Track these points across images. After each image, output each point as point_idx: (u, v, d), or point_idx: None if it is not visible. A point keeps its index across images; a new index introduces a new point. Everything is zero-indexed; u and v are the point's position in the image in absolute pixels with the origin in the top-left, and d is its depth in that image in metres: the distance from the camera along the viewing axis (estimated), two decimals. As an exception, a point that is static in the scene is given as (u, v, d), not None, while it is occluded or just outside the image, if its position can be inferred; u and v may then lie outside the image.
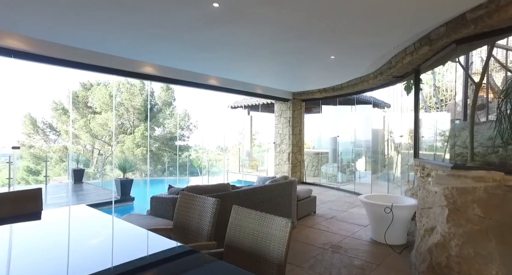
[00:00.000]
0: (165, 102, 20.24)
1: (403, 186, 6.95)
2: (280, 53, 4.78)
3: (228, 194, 3.82)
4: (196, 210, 2.63)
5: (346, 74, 6.47)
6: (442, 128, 6.21)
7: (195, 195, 2.72)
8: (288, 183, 4.75)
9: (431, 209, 3.51)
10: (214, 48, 4.52)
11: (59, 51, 4.22)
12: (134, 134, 17.82)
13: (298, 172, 9.06)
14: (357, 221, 5.28)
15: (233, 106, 11.75)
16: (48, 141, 18.91)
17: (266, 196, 4.34)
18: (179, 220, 2.72)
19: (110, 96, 17.88)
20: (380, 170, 9.93)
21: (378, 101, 9.78)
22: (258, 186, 4.33)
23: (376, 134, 9.74)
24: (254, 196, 4.16)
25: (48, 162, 18.14)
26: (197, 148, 25.50)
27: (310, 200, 5.63)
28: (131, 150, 17.71)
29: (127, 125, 18.90)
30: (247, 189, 4.10)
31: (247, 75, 6.42)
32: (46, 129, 18.52)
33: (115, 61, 4.86)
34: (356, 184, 8.49)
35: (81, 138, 17.93)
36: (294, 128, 8.85)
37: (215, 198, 2.56)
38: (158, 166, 20.07)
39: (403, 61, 4.76)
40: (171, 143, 20.65)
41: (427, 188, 3.71)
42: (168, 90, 20.07)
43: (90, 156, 18.88)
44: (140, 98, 18.78)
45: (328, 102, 9.09)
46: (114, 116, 17.76)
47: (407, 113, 7.34)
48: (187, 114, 20.94)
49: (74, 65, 4.42)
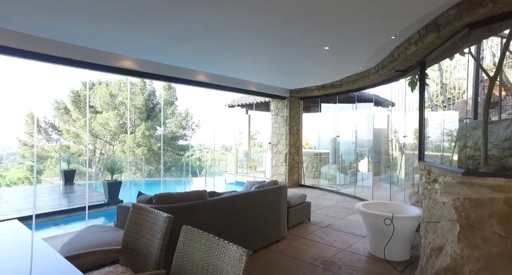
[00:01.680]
0: (167, 101, 19.82)
1: (407, 190, 6.34)
2: (266, 45, 4.23)
3: (203, 204, 3.29)
4: (147, 228, 2.11)
5: (344, 69, 5.88)
6: (449, 128, 5.61)
7: (146, 208, 2.20)
8: (276, 188, 4.20)
9: (438, 223, 2.92)
10: (193, 39, 3.98)
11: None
12: (135, 134, 17.44)
13: (296, 174, 8.49)
14: (355, 230, 4.71)
15: (231, 105, 11.23)
16: (50, 140, 18.66)
17: (249, 204, 3.79)
18: (128, 239, 2.20)
19: (111, 95, 17.55)
20: (384, 171, 9.30)
21: (381, 99, 9.13)
22: (240, 193, 3.79)
23: (379, 134, 9.11)
24: (235, 205, 3.62)
25: (48, 162, 17.84)
26: (202, 147, 25.10)
27: (303, 207, 5.07)
28: (132, 150, 17.34)
29: (128, 125, 18.54)
30: (227, 197, 3.57)
31: (236, 71, 5.88)
32: (48, 128, 18.28)
33: (89, 54, 4.36)
34: (357, 187, 7.89)
35: (82, 137, 17.61)
36: (292, 128, 8.28)
37: (168, 214, 2.03)
38: (160, 166, 19.66)
39: (406, 53, 4.16)
40: (173, 143, 20.24)
41: (433, 197, 3.12)
42: (170, 90, 19.66)
43: (92, 155, 18.58)
44: (141, 97, 18.40)
45: (328, 101, 8.49)
46: (115, 116, 17.39)
47: (413, 112, 6.73)
48: (188, 114, 20.51)
49: (39, 57, 3.94)
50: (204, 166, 20.09)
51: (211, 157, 24.10)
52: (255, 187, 4.15)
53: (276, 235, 4.18)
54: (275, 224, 4.17)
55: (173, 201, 3.19)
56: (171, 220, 2.00)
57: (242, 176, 10.56)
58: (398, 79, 5.71)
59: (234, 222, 3.59)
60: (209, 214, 3.35)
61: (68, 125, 17.87)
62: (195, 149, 23.28)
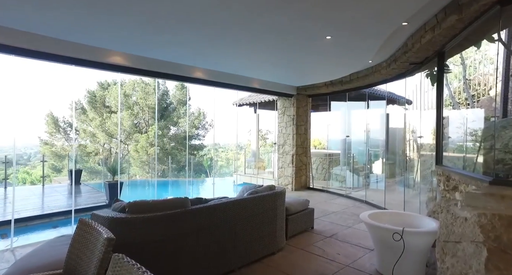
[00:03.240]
0: (180, 101, 19.71)
1: (424, 194, 5.67)
2: (257, 34, 3.74)
3: (182, 213, 2.86)
4: (88, 250, 1.70)
5: (351, 63, 5.28)
6: (473, 128, 4.91)
7: (91, 224, 1.79)
8: (271, 195, 3.72)
9: (459, 244, 2.35)
10: (173, 28, 3.53)
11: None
12: (148, 133, 17.40)
13: (304, 176, 7.95)
14: (362, 241, 4.14)
15: (239, 104, 10.80)
16: (68, 140, 18.97)
17: (239, 213, 3.34)
18: (70, 262, 1.80)
19: (125, 95, 17.60)
20: (399, 173, 8.57)
21: (396, 96, 8.41)
22: (228, 200, 3.34)
23: (394, 134, 8.39)
24: (222, 214, 3.18)
25: (66, 161, 18.09)
26: (217, 147, 24.86)
27: (305, 214, 4.55)
28: (145, 149, 17.31)
29: (142, 124, 18.56)
30: (211, 205, 3.13)
31: (231, 66, 5.39)
32: (66, 128, 18.58)
33: (70, 48, 4.04)
34: (369, 190, 7.26)
35: (98, 137, 17.77)
36: (299, 127, 7.73)
37: (109, 235, 1.60)
38: (173, 165, 19.58)
39: (421, 41, 3.57)
40: (185, 142, 20.12)
41: (453, 210, 2.54)
42: (183, 89, 19.56)
43: (108, 154, 18.74)
44: (154, 97, 18.34)
45: (337, 98, 7.89)
46: (129, 115, 17.42)
47: (431, 110, 6.05)
48: (201, 113, 20.33)
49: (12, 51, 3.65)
50: (215, 166, 19.83)
51: (225, 156, 23.84)
52: (247, 193, 3.69)
53: (271, 246, 3.70)
54: (270, 234, 3.70)
55: (149, 210, 2.78)
56: (111, 242, 1.58)
57: (250, 177, 10.12)
58: (413, 73, 5.07)
59: (221, 233, 3.15)
60: (190, 224, 2.92)
61: (86, 125, 18.09)
62: (210, 148, 23.07)
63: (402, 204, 5.64)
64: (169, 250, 2.75)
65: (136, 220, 2.62)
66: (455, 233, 2.37)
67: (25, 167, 22.55)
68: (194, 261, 2.91)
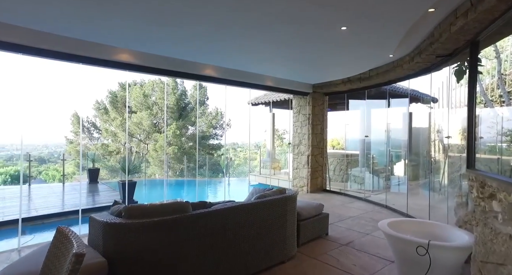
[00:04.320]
0: (198, 101, 19.73)
1: (451, 199, 5.15)
2: (266, 26, 3.43)
3: (182, 219, 2.61)
4: (59, 263, 1.48)
5: (370, 57, 4.85)
6: (509, 127, 4.37)
7: (68, 235, 1.57)
8: (281, 199, 3.41)
9: (502, 267, 1.94)
10: (178, 19, 3.30)
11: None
12: (166, 133, 17.52)
13: (320, 178, 7.55)
14: (382, 251, 3.74)
15: (254, 103, 10.53)
16: (92, 139, 19.48)
17: (246, 219, 3.06)
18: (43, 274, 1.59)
19: (144, 95, 17.83)
20: (423, 176, 7.97)
21: (420, 94, 7.82)
22: (233, 205, 3.06)
23: (417, 134, 7.82)
24: (227, 220, 2.91)
25: (88, 160, 18.60)
26: (236, 146, 24.74)
27: (319, 219, 4.21)
28: (163, 148, 17.44)
29: (161, 124, 18.74)
30: (215, 210, 2.86)
31: (241, 62, 5.09)
32: (90, 127, 19.09)
33: (75, 46, 3.92)
34: (390, 193, 6.77)
35: (119, 136, 18.11)
36: (315, 127, 7.34)
37: (78, 251, 1.37)
38: (190, 165, 19.64)
39: (451, 29, 3.13)
40: (204, 142, 20.12)
41: (492, 224, 2.13)
42: (201, 89, 19.59)
43: (129, 153, 19.07)
44: (173, 97, 18.46)
45: (356, 96, 7.42)
46: (148, 115, 17.63)
47: (459, 109, 5.49)
48: (219, 113, 20.27)
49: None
50: (232, 165, 19.68)
51: (243, 156, 23.68)
52: (255, 197, 3.40)
53: (281, 254, 3.40)
54: (280, 241, 3.39)
55: (147, 215, 2.56)
56: (79, 259, 1.34)
57: (265, 177, 9.83)
58: (440, 67, 4.58)
59: (225, 240, 2.88)
60: (191, 231, 2.68)
61: (108, 124, 18.49)
62: (229, 147, 22.99)
63: (427, 210, 5.14)
64: (167, 259, 2.51)
65: (131, 226, 2.41)
66: (496, 252, 1.97)
67: (55, 165, 23.43)
68: (194, 271, 2.66)
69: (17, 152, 25.47)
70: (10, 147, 28.07)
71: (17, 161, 22.27)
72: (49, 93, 32.26)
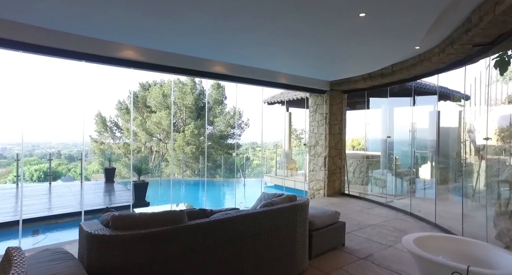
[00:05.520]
0: (216, 100, 19.64)
1: (489, 207, 4.52)
2: (273, 14, 3.05)
3: (174, 231, 2.31)
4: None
5: (393, 49, 4.31)
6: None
7: (11, 260, 1.29)
8: (290, 208, 3.03)
9: None
10: (177, 10, 3.00)
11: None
12: (185, 132, 17.55)
13: (337, 181, 7.04)
14: (407, 268, 3.26)
15: (270, 102, 10.15)
16: (114, 138, 19.90)
17: (250, 230, 2.71)
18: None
19: (163, 95, 17.95)
20: (453, 179, 7.24)
21: (448, 91, 7.12)
22: (236, 214, 2.72)
23: (446, 134, 7.13)
24: (228, 231, 2.58)
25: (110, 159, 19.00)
26: (255, 146, 24.49)
27: (335, 228, 3.77)
28: (182, 148, 17.47)
29: (180, 124, 18.81)
30: (214, 221, 2.53)
31: (255, 58, 4.72)
32: (112, 127, 19.50)
33: (77, 43, 3.73)
34: (414, 199, 6.16)
35: (139, 135, 18.35)
36: (332, 127, 6.85)
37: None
38: (208, 164, 19.59)
39: (495, 11, 2.60)
40: (221, 141, 20.00)
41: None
42: (219, 89, 19.50)
43: (149, 152, 19.33)
44: (191, 97, 18.46)
45: (377, 94, 6.85)
46: (167, 115, 17.73)
47: (500, 106, 4.85)
48: (236, 112, 20.08)
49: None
50: (251, 165, 19.41)
51: (262, 156, 23.36)
52: (261, 205, 3.04)
53: (290, 269, 3.02)
54: (289, 255, 3.01)
55: (136, 225, 2.27)
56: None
57: (281, 179, 9.43)
58: (475, 59, 3.99)
59: (225, 254, 2.55)
60: (186, 244, 2.36)
61: (130, 124, 18.79)
62: (248, 147, 22.74)
63: (459, 219, 4.52)
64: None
65: (116, 239, 2.12)
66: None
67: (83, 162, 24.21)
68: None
69: (50, 150, 26.75)
70: (44, 145, 29.60)
71: (52, 158, 23.33)
72: (76, 94, 33.60)
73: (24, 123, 4.02)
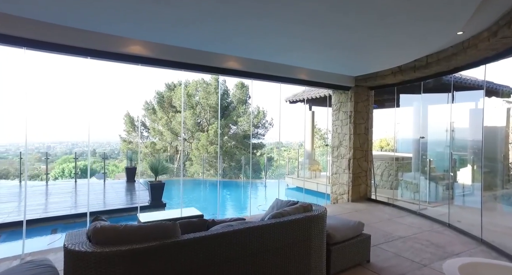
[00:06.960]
0: (240, 100, 19.46)
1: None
2: None
3: (163, 248, 1.96)
4: None
5: (430, 35, 3.61)
6: None
7: None
8: (304, 220, 2.58)
9: None
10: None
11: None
12: (208, 132, 17.51)
13: (363, 185, 6.41)
14: (446, 296, 2.67)
15: (292, 100, 9.65)
16: (142, 137, 20.38)
17: (255, 246, 2.31)
18: None
19: (188, 95, 18.05)
20: (501, 185, 6.31)
21: (494, 85, 6.21)
22: (238, 227, 2.32)
23: (492, 134, 6.24)
24: (229, 248, 2.19)
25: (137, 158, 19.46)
26: (280, 146, 24.01)
27: (358, 242, 3.26)
28: (205, 147, 17.44)
29: (204, 123, 18.82)
30: (212, 235, 2.16)
31: (271, 52, 4.30)
32: (140, 127, 19.97)
33: (81, 38, 3.53)
34: (453, 207, 5.40)
35: (165, 135, 18.60)
36: (357, 126, 6.23)
37: None
38: (232, 164, 19.43)
39: None
40: (245, 141, 19.77)
41: None
42: (243, 88, 19.30)
43: (174, 152, 19.56)
44: (215, 96, 18.41)
45: (408, 90, 6.12)
46: (191, 114, 17.80)
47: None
48: (261, 112, 19.76)
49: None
50: (275, 165, 18.95)
51: (287, 156, 22.81)
52: (269, 216, 2.62)
53: (303, 291, 2.57)
54: (302, 274, 2.56)
55: (119, 240, 1.96)
56: None
57: (302, 181, 8.91)
58: (534, 44, 3.27)
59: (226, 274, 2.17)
60: (176, 263, 2.01)
61: (156, 124, 19.14)
62: (273, 147, 22.31)
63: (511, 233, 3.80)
64: (141, 300, 1.88)
65: (90, 256, 1.81)
66: None
67: (115, 160, 25.26)
68: (178, 316, 1.99)
69: (86, 148, 28.24)
70: (82, 144, 31.38)
71: (90, 156, 24.75)
72: (108, 94, 35.16)
73: (62, 123, 3.93)
